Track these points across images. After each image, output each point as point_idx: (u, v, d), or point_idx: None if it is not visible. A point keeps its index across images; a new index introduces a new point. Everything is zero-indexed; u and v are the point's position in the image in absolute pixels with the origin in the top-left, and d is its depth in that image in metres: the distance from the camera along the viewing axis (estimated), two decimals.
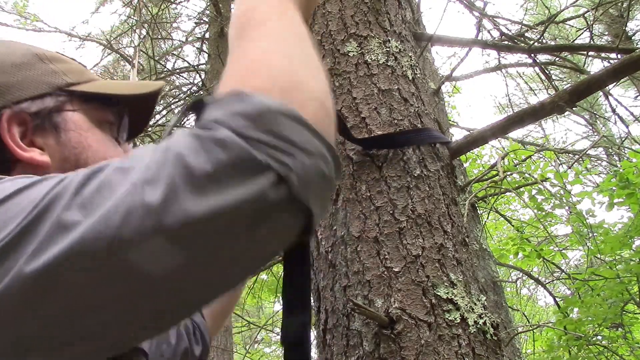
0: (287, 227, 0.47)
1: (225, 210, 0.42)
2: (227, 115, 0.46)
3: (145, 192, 0.42)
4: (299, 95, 0.49)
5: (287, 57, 0.53)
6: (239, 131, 0.44)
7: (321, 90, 0.52)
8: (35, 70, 0.73)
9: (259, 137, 0.44)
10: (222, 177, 0.43)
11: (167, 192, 0.42)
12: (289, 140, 0.45)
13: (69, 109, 0.73)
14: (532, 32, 4.78)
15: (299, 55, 0.54)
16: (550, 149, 5.45)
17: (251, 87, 0.48)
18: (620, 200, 3.77)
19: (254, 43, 0.54)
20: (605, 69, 1.57)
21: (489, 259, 3.70)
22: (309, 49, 0.56)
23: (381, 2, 1.67)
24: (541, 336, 6.01)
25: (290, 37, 0.55)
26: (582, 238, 4.04)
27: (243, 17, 0.57)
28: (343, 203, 1.37)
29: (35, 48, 0.77)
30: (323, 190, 0.48)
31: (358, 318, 1.23)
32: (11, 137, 0.67)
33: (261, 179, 0.43)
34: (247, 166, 0.44)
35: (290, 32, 0.56)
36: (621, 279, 3.37)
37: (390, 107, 1.47)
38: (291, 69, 0.52)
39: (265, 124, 0.45)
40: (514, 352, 3.49)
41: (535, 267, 5.41)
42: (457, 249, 1.32)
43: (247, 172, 0.43)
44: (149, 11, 5.97)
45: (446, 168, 1.48)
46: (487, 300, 1.32)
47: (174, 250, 0.42)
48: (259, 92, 0.47)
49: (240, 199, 0.43)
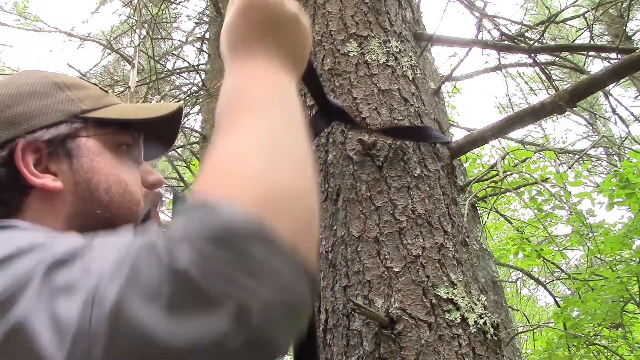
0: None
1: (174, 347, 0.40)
2: (190, 234, 0.43)
3: (94, 314, 0.41)
4: (276, 206, 0.45)
5: (267, 158, 0.48)
6: (197, 249, 0.41)
7: (304, 192, 0.48)
8: (51, 99, 0.76)
9: (216, 267, 0.41)
10: (176, 309, 0.40)
11: (115, 319, 0.40)
12: (252, 269, 0.42)
13: (83, 135, 0.76)
14: (532, 32, 4.78)
15: (284, 153, 0.49)
16: (550, 149, 5.45)
17: (223, 193, 0.45)
18: (620, 200, 3.77)
19: (236, 135, 0.50)
20: (605, 69, 1.57)
21: (489, 259, 3.70)
22: (297, 140, 0.52)
23: (381, 2, 1.67)
24: (541, 336, 6.01)
25: (278, 129, 0.51)
26: (582, 238, 4.05)
27: (233, 98, 0.54)
28: (343, 203, 1.37)
29: (56, 76, 0.80)
30: (294, 319, 0.44)
31: (358, 318, 1.23)
32: (25, 165, 0.71)
33: (217, 316, 0.40)
34: (202, 302, 0.40)
35: (280, 122, 0.52)
36: (621, 279, 3.37)
37: (390, 107, 1.47)
38: (270, 175, 0.47)
39: (229, 246, 0.42)
40: (514, 352, 3.50)
41: (535, 267, 5.41)
42: (458, 249, 1.32)
43: (201, 309, 0.40)
44: (149, 11, 5.97)
45: (446, 168, 1.48)
46: (487, 300, 1.32)
47: None
48: (230, 201, 0.44)
49: (191, 339, 0.40)
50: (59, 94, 0.77)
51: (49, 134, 0.74)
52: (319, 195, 0.45)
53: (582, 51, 4.08)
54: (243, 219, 0.43)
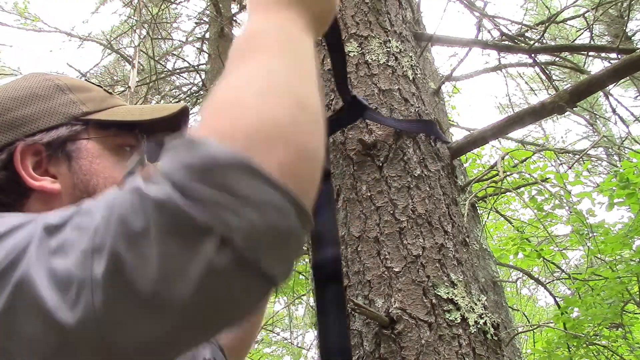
0: (245, 291, 0.43)
1: (169, 280, 0.41)
2: (173, 168, 0.43)
3: (94, 263, 0.42)
4: (267, 140, 0.45)
5: (263, 95, 0.48)
6: (179, 185, 0.42)
7: (302, 132, 0.47)
8: (52, 101, 0.77)
9: (202, 194, 0.42)
10: (163, 242, 0.41)
11: (111, 263, 0.41)
12: (234, 194, 0.42)
13: (84, 138, 0.77)
14: (533, 32, 4.78)
15: (283, 93, 0.49)
16: (550, 149, 5.45)
17: (212, 130, 0.46)
18: (621, 200, 3.77)
19: (234, 77, 0.51)
20: (606, 69, 1.57)
21: (489, 259, 3.70)
22: (302, 86, 0.51)
23: (382, 2, 1.67)
24: (541, 336, 6.01)
25: (281, 71, 0.51)
26: (582, 238, 4.05)
27: (243, 42, 0.54)
28: (343, 203, 1.37)
29: (59, 78, 0.81)
30: (283, 245, 0.44)
31: (359, 318, 1.23)
32: (24, 167, 0.72)
33: (203, 242, 0.41)
34: (187, 230, 0.41)
35: (285, 66, 0.52)
36: (621, 279, 3.37)
37: (390, 107, 1.47)
38: (263, 109, 0.47)
39: (210, 178, 0.42)
40: (514, 352, 3.50)
41: (535, 267, 5.41)
42: (458, 249, 1.32)
43: (188, 236, 0.41)
44: (149, 11, 5.96)
45: (447, 168, 1.48)
46: (487, 300, 1.32)
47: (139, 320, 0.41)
48: (217, 138, 0.45)
49: (183, 267, 0.41)
50: (61, 96, 0.78)
51: (49, 136, 0.74)
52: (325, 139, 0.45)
53: (582, 51, 4.08)
54: (226, 150, 0.43)
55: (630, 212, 3.94)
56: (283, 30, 0.56)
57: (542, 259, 4.19)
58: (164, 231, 0.41)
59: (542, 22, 4.89)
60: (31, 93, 0.77)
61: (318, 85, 0.54)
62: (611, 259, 3.86)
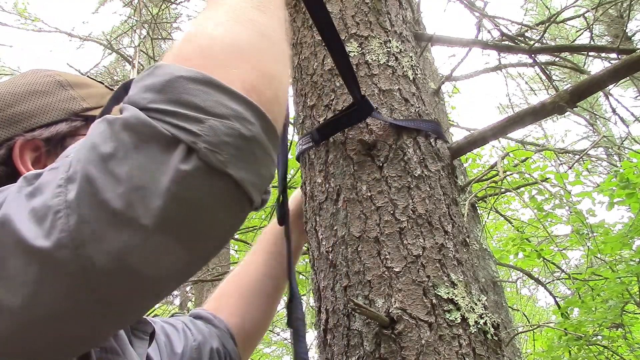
0: (215, 197, 0.44)
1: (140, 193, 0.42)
2: (137, 92, 0.46)
3: (68, 191, 0.43)
4: (226, 60, 0.48)
5: (226, 24, 0.52)
6: (144, 106, 0.44)
7: (264, 56, 0.51)
8: (52, 97, 0.78)
9: (164, 108, 0.44)
10: (131, 158, 0.43)
11: (83, 186, 0.43)
12: (196, 106, 0.44)
13: (83, 134, 0.77)
14: (533, 32, 4.78)
15: (245, 22, 0.53)
16: (550, 149, 5.45)
17: (175, 56, 0.49)
18: (621, 200, 3.77)
19: (201, 15, 0.55)
20: (606, 70, 1.57)
21: (489, 259, 3.70)
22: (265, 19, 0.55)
23: (382, 3, 1.67)
24: (541, 336, 6.01)
25: (244, 8, 0.55)
26: (582, 238, 4.05)
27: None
28: (344, 203, 1.37)
29: (60, 75, 0.82)
30: (248, 152, 0.46)
31: (359, 318, 1.24)
32: (23, 163, 0.73)
33: (169, 152, 0.43)
34: (153, 143, 0.43)
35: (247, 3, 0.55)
36: (621, 279, 3.38)
37: (390, 107, 1.47)
38: (226, 35, 0.50)
39: (172, 94, 0.45)
40: (514, 352, 3.50)
41: (535, 267, 5.41)
42: (458, 249, 1.32)
43: (154, 149, 0.43)
44: (149, 11, 5.97)
45: (447, 168, 1.48)
46: (488, 300, 1.32)
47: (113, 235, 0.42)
48: (179, 61, 0.47)
49: (152, 179, 0.42)
50: (61, 92, 0.78)
51: (49, 132, 0.75)
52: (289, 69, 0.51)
53: (582, 51, 4.08)
54: (187, 69, 0.46)
55: (630, 212, 3.94)
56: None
57: (542, 259, 4.20)
58: (131, 148, 0.43)
59: (542, 22, 4.89)
60: (31, 89, 0.77)
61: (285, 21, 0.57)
62: (611, 259, 3.87)
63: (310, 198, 1.46)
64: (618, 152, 5.77)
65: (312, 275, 1.43)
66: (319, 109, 1.49)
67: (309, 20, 1.63)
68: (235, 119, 0.45)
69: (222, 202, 0.45)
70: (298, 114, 1.59)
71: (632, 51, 3.11)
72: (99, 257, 0.42)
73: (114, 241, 0.42)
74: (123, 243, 0.42)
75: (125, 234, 0.42)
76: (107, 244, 0.42)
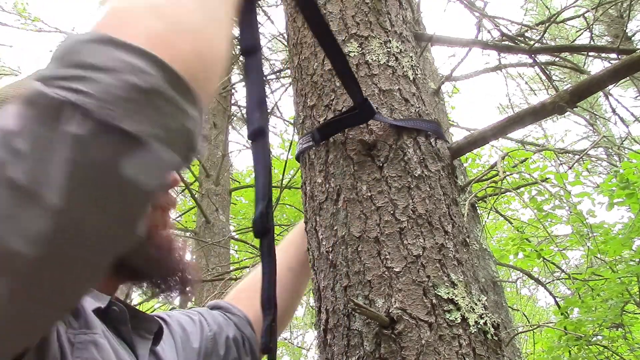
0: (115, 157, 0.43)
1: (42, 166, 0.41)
2: (45, 68, 0.46)
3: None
4: (136, 16, 0.48)
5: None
6: (43, 77, 0.44)
7: (176, 9, 0.51)
8: None
9: (56, 74, 0.44)
10: (32, 132, 0.42)
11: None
12: (86, 64, 0.44)
13: None
14: (533, 32, 4.78)
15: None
16: (550, 149, 5.45)
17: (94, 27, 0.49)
18: (620, 200, 3.77)
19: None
20: (606, 70, 1.57)
21: (489, 259, 3.70)
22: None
23: (382, 3, 1.67)
24: (541, 336, 6.01)
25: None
26: (582, 238, 4.05)
27: None
28: (344, 203, 1.37)
29: None
30: (146, 105, 0.45)
31: (359, 318, 1.24)
32: None
33: (64, 118, 0.42)
34: (48, 112, 0.43)
35: None
36: (621, 279, 3.38)
37: (391, 107, 1.47)
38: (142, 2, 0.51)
39: (67, 59, 0.45)
40: (514, 352, 3.50)
41: (535, 267, 5.41)
42: (458, 249, 1.32)
43: (49, 118, 0.43)
44: None
45: (447, 168, 1.48)
46: (488, 300, 1.32)
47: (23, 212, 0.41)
48: (93, 28, 0.48)
49: (52, 150, 0.42)
50: None
51: None
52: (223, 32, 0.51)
53: (582, 51, 4.08)
54: (86, 33, 0.46)
55: (630, 212, 3.94)
56: None
57: (542, 259, 4.19)
58: (33, 121, 0.43)
59: (542, 22, 4.89)
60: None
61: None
62: (611, 259, 3.87)
63: (310, 198, 1.46)
64: (618, 152, 5.77)
65: (312, 276, 1.43)
66: (319, 109, 1.49)
67: None
68: (129, 72, 0.44)
69: (121, 159, 0.43)
70: (298, 113, 1.60)
71: (632, 51, 3.11)
72: (13, 239, 0.41)
73: (24, 221, 0.41)
74: (35, 223, 0.41)
75: (35, 212, 0.41)
76: (18, 224, 0.41)
